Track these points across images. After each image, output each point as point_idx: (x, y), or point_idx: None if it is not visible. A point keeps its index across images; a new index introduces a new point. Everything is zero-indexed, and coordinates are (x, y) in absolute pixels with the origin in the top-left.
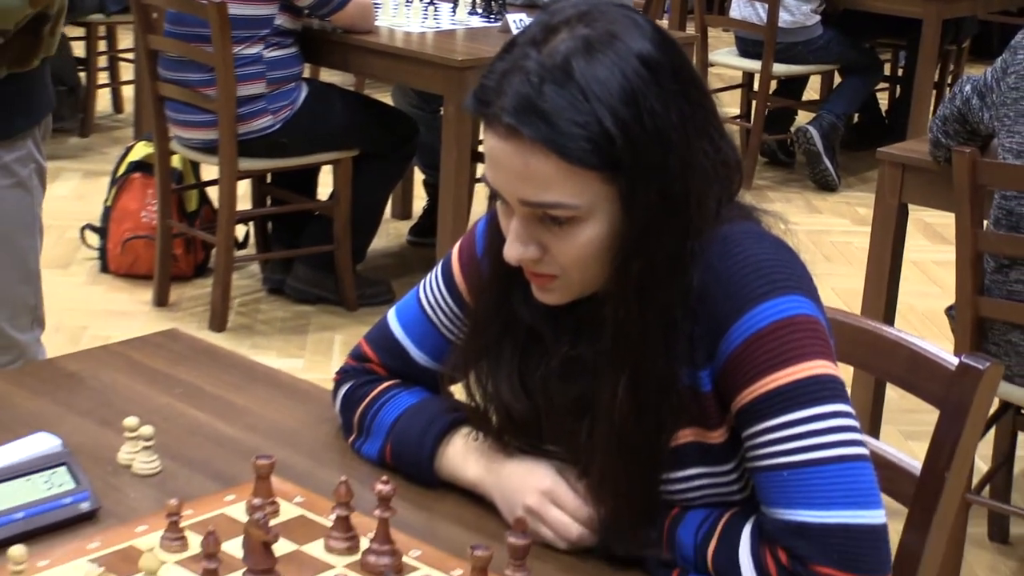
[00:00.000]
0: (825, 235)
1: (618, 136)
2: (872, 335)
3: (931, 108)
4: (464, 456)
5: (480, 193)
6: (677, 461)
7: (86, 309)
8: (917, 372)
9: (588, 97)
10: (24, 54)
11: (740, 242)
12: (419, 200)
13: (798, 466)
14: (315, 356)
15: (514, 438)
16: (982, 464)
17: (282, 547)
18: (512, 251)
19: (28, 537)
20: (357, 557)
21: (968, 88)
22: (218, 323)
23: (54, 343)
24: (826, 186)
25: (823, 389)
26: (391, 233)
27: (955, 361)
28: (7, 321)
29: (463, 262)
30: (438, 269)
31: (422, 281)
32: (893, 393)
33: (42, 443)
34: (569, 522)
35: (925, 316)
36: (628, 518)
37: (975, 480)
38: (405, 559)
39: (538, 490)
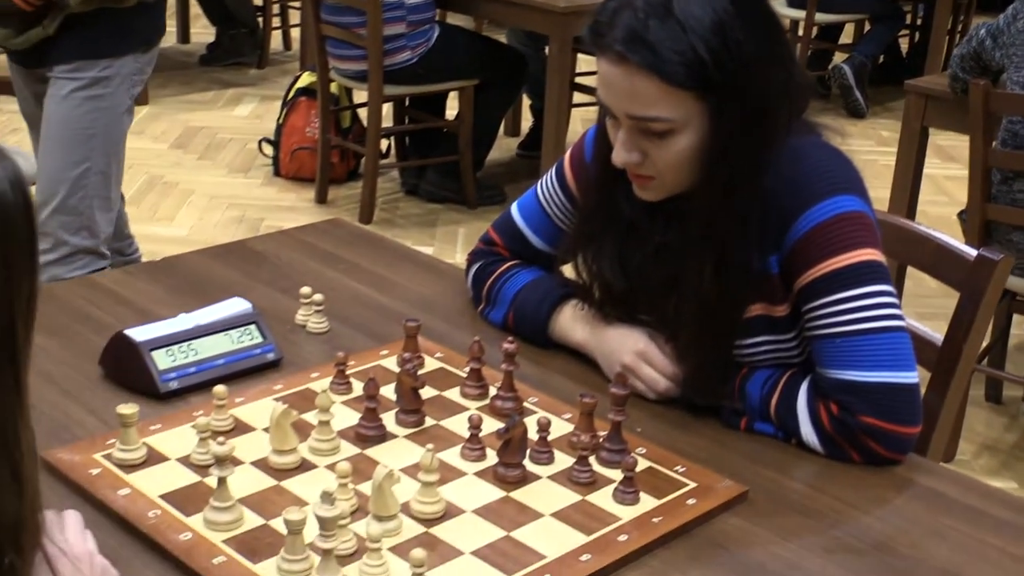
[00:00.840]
0: (855, 154)
1: (709, 62)
2: (905, 231)
3: (943, 52)
4: (572, 323)
5: (576, 115)
6: (748, 330)
7: (263, 205)
8: (941, 262)
9: (685, 29)
10: None
11: (806, 151)
12: (526, 121)
13: (850, 335)
14: (443, 245)
15: (613, 310)
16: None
17: (426, 393)
18: (619, 157)
19: (227, 379)
20: (487, 402)
21: (983, 31)
22: (366, 217)
23: (238, 231)
24: (856, 114)
25: (872, 272)
26: (504, 148)
27: (974, 253)
28: (63, 227)
29: (574, 166)
30: (552, 171)
31: (539, 181)
32: (909, 281)
33: (236, 306)
34: (658, 377)
35: (938, 220)
36: (707, 375)
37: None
38: (525, 404)
39: (633, 351)
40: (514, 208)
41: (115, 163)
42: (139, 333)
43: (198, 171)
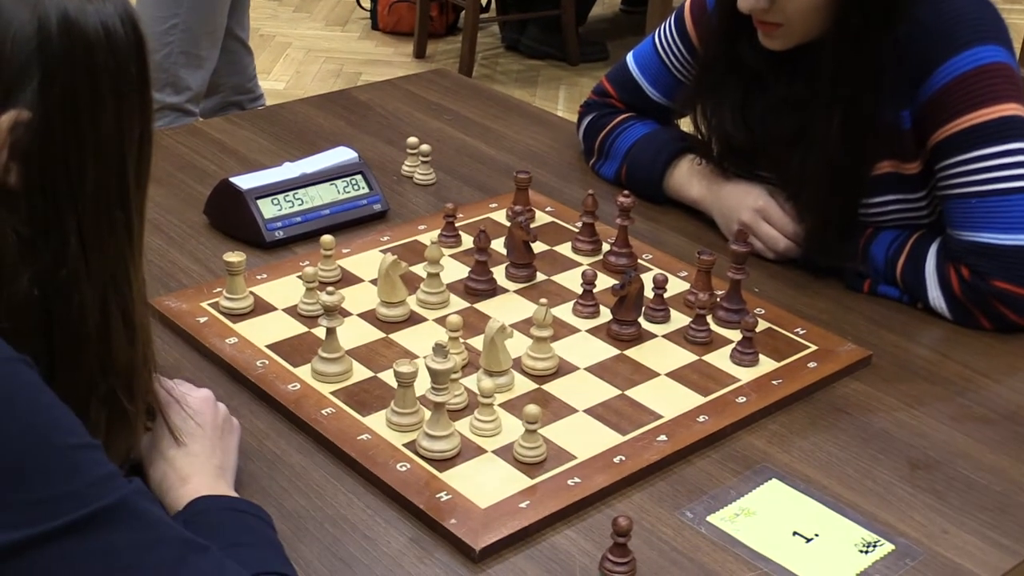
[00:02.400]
0: None
1: None
2: None
3: None
4: (688, 178)
5: None
6: (875, 188)
7: (360, 59)
8: None
9: None
10: None
11: None
12: None
13: (985, 195)
14: (544, 102)
15: (732, 165)
16: None
17: (538, 247)
18: (745, 1)
19: (333, 230)
20: (599, 258)
21: None
22: (466, 72)
23: (336, 85)
24: None
25: (1013, 129)
26: (607, 3)
27: None
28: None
29: (695, 13)
30: (671, 19)
31: (656, 30)
32: None
33: (342, 155)
34: (777, 236)
35: None
36: (830, 235)
37: None
38: (640, 261)
39: (752, 207)
40: (630, 58)
41: (206, 20)
42: (244, 181)
43: (294, 24)
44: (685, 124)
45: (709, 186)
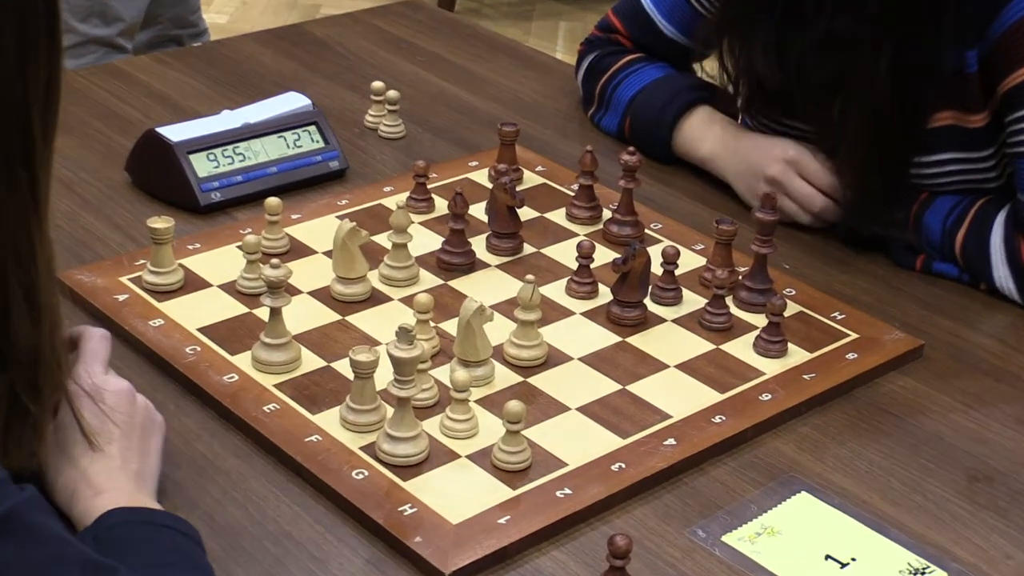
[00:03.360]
0: None
1: None
2: None
3: None
4: (702, 131)
5: None
6: (932, 144)
7: None
8: None
9: None
10: None
11: None
12: None
13: None
14: (539, 41)
15: (760, 114)
16: None
17: (525, 213)
18: None
19: (281, 192)
20: (599, 227)
21: None
22: (445, 5)
23: (289, 18)
24: None
25: None
26: None
27: None
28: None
29: None
30: None
31: None
32: None
33: (292, 103)
34: (813, 192)
35: None
36: (876, 198)
37: None
38: (647, 231)
39: (783, 159)
40: None
41: None
42: (175, 132)
43: None
44: (703, 70)
45: (726, 140)
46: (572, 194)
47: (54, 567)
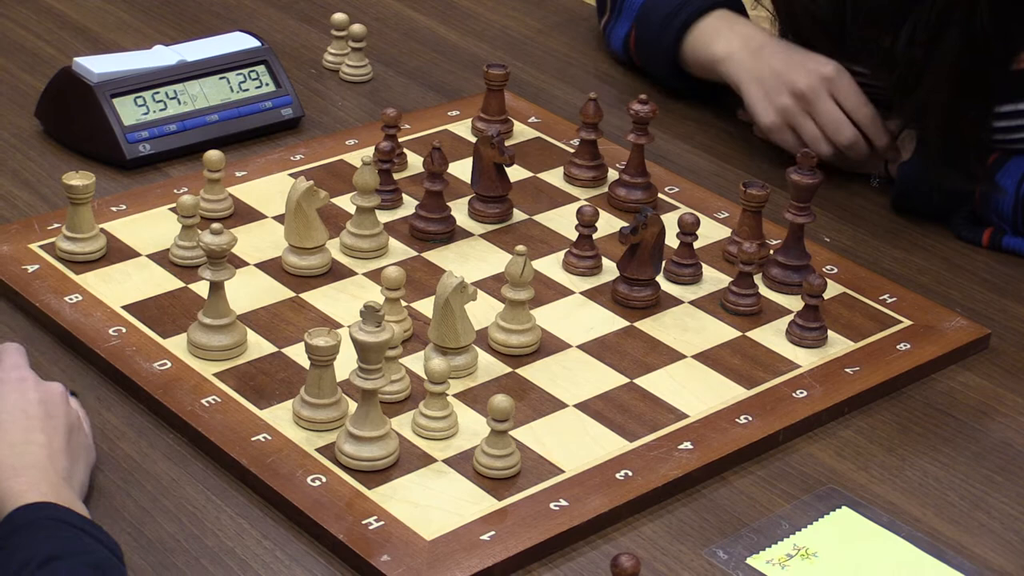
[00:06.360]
0: None
1: None
2: None
3: None
4: (720, 30)
5: None
6: (1013, 90)
7: None
8: None
9: None
10: None
11: None
12: None
13: None
14: None
15: (806, 44)
16: None
17: (516, 173)
18: None
19: (224, 143)
20: (603, 190)
21: None
22: None
23: None
24: None
25: None
26: None
27: None
28: None
29: None
30: None
31: None
32: None
33: (237, 42)
34: (844, 120)
35: None
36: (938, 151)
37: None
38: (660, 195)
39: (818, 73)
40: None
41: None
42: (95, 70)
43: None
44: None
45: (747, 40)
46: (572, 150)
47: None
